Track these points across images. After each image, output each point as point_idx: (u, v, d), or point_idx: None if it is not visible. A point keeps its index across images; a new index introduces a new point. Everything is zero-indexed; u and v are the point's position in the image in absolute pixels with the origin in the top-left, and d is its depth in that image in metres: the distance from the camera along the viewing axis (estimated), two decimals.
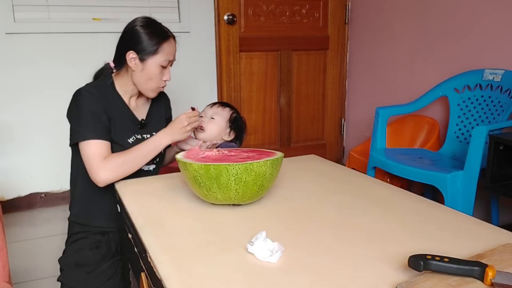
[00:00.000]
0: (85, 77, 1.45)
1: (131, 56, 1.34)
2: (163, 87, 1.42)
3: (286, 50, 3.11)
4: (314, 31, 3.16)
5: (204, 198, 1.07)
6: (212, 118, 1.50)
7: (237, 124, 1.56)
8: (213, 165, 0.99)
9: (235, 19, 2.89)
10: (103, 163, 1.25)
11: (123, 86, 1.40)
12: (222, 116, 1.52)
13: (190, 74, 2.88)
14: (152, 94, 1.41)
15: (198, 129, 1.49)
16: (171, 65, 1.41)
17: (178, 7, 2.78)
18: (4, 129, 2.50)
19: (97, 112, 1.30)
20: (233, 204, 1.08)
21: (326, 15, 3.18)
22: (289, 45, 3.10)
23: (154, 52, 1.33)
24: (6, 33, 2.40)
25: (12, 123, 2.50)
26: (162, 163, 1.54)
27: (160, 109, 1.54)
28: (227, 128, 1.54)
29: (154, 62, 1.34)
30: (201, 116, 1.50)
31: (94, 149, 1.26)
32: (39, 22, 2.46)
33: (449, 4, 2.41)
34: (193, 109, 1.40)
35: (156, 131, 1.41)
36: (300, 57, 3.15)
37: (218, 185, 1.01)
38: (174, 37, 1.40)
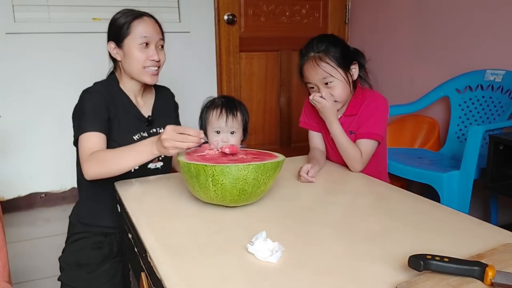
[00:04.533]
0: (85, 77, 1.45)
1: (111, 47, 1.35)
2: (156, 69, 1.37)
3: (286, 50, 3.11)
4: (314, 31, 3.15)
5: (195, 195, 1.08)
6: (233, 132, 1.41)
7: (247, 127, 1.52)
8: (193, 164, 1.00)
9: (235, 19, 2.89)
10: (89, 156, 1.22)
11: (123, 84, 1.40)
12: (239, 127, 1.45)
13: (190, 74, 2.88)
14: (147, 79, 1.36)
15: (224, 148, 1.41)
16: (161, 47, 1.38)
17: (178, 7, 2.78)
18: (4, 129, 2.50)
19: (97, 105, 1.30)
20: (226, 206, 1.07)
21: (326, 15, 3.18)
22: (289, 45, 3.10)
23: (126, 33, 1.33)
24: (6, 33, 2.40)
25: (12, 123, 2.50)
26: (171, 161, 1.51)
27: (166, 104, 1.51)
28: (242, 135, 1.49)
29: (129, 43, 1.33)
30: (218, 131, 1.40)
31: (88, 142, 1.24)
32: (39, 22, 2.46)
33: (450, 4, 2.41)
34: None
35: (164, 127, 1.39)
36: None
37: (199, 185, 1.02)
38: (150, 16, 1.37)
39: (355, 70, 1.44)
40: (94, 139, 1.25)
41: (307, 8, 3.11)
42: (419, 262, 0.69)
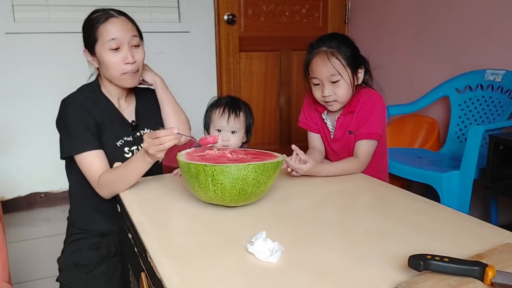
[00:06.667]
0: (85, 77, 1.44)
1: (85, 54, 1.32)
2: (135, 71, 1.30)
3: (286, 50, 3.11)
4: (314, 31, 3.16)
5: (195, 195, 1.09)
6: (234, 131, 1.40)
7: (250, 129, 1.51)
8: (193, 163, 1.00)
9: (235, 19, 2.89)
10: (99, 182, 1.24)
11: (104, 88, 1.36)
12: (241, 128, 1.44)
13: (190, 74, 2.88)
14: (128, 83, 1.31)
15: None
16: (136, 46, 1.29)
17: (178, 7, 2.78)
18: (4, 129, 2.50)
19: (84, 121, 1.27)
20: (227, 206, 1.07)
21: (326, 15, 3.18)
22: (289, 45, 3.10)
23: (95, 39, 1.27)
24: (6, 33, 2.40)
25: (12, 123, 2.50)
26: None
27: (147, 104, 1.46)
28: (244, 136, 1.48)
29: (100, 49, 1.27)
30: (219, 130, 1.40)
31: (91, 163, 1.24)
32: (39, 22, 2.46)
33: (449, 4, 2.41)
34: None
35: (149, 128, 1.40)
36: (300, 57, 3.15)
37: (198, 184, 1.02)
38: (117, 15, 1.28)
39: (361, 74, 1.45)
40: (95, 160, 1.25)
41: (307, 8, 3.11)
42: (419, 262, 0.69)
